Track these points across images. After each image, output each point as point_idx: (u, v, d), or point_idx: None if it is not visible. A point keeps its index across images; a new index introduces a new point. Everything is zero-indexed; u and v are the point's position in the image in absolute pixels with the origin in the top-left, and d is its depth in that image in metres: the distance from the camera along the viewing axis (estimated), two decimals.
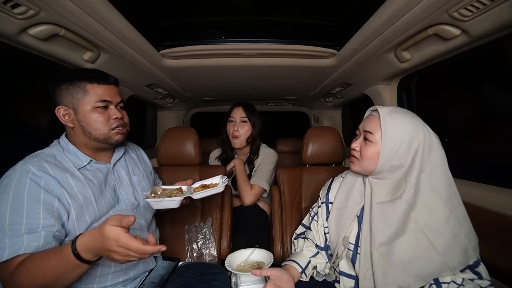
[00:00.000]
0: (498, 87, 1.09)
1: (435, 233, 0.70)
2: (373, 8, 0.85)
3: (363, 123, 0.82)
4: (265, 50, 1.20)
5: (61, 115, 0.80)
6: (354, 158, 0.83)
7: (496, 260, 0.83)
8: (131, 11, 0.89)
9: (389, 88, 1.41)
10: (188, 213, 1.33)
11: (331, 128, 1.46)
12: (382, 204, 0.77)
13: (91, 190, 0.79)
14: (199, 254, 1.20)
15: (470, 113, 1.23)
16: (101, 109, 0.82)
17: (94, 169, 0.84)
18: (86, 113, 0.80)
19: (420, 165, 0.72)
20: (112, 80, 0.87)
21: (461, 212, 0.72)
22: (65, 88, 0.79)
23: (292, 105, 2.60)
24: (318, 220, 0.97)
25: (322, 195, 0.99)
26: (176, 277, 0.96)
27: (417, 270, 0.70)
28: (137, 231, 0.88)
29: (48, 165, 0.73)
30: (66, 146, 0.82)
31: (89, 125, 0.81)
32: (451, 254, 0.69)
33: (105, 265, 0.78)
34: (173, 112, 2.34)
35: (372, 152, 0.77)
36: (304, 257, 0.92)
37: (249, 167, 1.58)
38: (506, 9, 0.68)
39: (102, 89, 0.82)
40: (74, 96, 0.79)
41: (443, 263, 0.68)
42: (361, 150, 0.81)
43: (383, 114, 0.75)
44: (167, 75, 1.45)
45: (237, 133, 1.50)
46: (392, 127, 0.74)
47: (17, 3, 0.66)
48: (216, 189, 0.94)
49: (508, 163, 1.01)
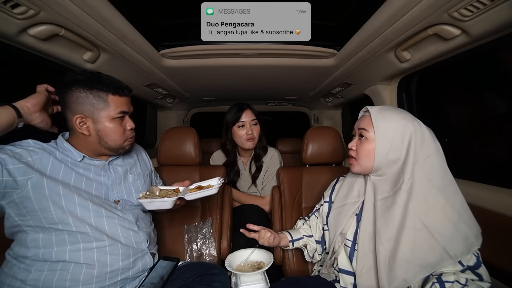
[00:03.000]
0: (498, 87, 1.09)
1: (434, 222, 0.71)
2: (373, 8, 0.86)
3: (357, 123, 0.86)
4: (265, 50, 1.20)
5: (77, 123, 0.80)
6: (353, 159, 0.86)
7: (496, 260, 0.83)
8: (131, 11, 0.89)
9: (389, 88, 1.42)
10: (188, 213, 1.33)
11: (331, 128, 1.46)
12: (385, 199, 0.79)
13: (75, 179, 0.80)
14: (199, 254, 1.20)
15: (470, 113, 1.23)
16: (119, 119, 0.85)
17: (88, 165, 0.85)
18: (106, 124, 0.82)
19: (414, 156, 0.74)
20: (129, 91, 0.89)
21: (458, 200, 0.73)
22: (85, 96, 0.80)
23: (292, 105, 2.60)
24: (318, 217, 1.01)
25: (326, 195, 1.02)
26: (176, 278, 0.95)
27: (419, 261, 0.71)
28: (125, 228, 0.87)
29: (46, 145, 0.79)
30: (62, 144, 0.83)
31: (107, 135, 0.83)
32: (451, 241, 0.69)
33: (101, 265, 0.78)
34: (173, 112, 2.34)
35: (368, 149, 0.80)
36: (299, 233, 1.05)
37: (256, 164, 1.57)
38: (506, 9, 0.68)
39: (122, 100, 0.85)
40: (95, 106, 0.80)
41: (443, 251, 0.69)
42: (357, 149, 0.84)
43: (373, 112, 0.80)
44: (167, 75, 1.45)
45: (252, 136, 1.49)
46: (383, 122, 0.78)
47: (17, 3, 0.66)
48: (209, 191, 0.94)
49: (508, 163, 1.01)
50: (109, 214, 0.84)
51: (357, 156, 0.84)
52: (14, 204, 0.72)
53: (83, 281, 0.76)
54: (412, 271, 0.71)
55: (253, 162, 1.59)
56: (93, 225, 0.80)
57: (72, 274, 0.75)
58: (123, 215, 0.88)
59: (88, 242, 0.78)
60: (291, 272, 1.20)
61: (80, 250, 0.77)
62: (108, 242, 0.81)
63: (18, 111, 0.73)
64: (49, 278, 0.74)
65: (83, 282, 0.76)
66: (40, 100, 0.79)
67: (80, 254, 0.77)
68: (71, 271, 0.75)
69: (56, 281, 0.74)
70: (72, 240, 0.77)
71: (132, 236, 0.88)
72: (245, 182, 1.61)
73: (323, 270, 0.96)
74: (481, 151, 1.17)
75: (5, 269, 0.76)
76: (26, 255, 0.75)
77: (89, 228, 0.79)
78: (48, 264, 0.75)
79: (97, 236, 0.80)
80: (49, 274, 0.74)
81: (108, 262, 0.80)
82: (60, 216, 0.75)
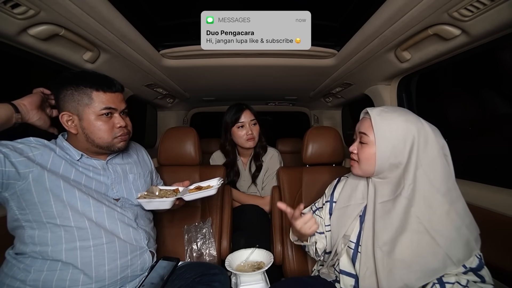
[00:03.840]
0: (498, 87, 1.09)
1: (437, 227, 0.70)
2: (373, 8, 0.85)
3: (358, 126, 0.84)
4: (265, 50, 1.20)
5: (64, 121, 0.81)
6: (354, 161, 0.85)
7: (496, 260, 0.83)
8: (131, 11, 0.89)
9: (389, 88, 1.41)
10: (188, 213, 1.33)
11: (331, 128, 1.46)
12: (385, 203, 0.78)
13: (75, 174, 0.81)
14: (199, 254, 1.20)
15: (470, 113, 1.23)
16: (105, 116, 0.83)
17: (86, 164, 0.86)
18: (91, 121, 0.81)
19: (416, 160, 0.73)
20: (118, 87, 0.87)
21: (461, 205, 0.72)
22: (70, 94, 0.80)
23: (292, 105, 2.60)
24: (321, 216, 0.98)
25: (327, 193, 1.00)
26: (176, 278, 0.95)
27: (421, 266, 0.70)
28: (125, 224, 0.88)
29: (46, 142, 0.80)
30: (61, 143, 0.84)
31: (93, 133, 0.82)
32: (454, 247, 0.68)
33: (99, 263, 0.78)
34: (173, 112, 2.34)
35: (369, 154, 0.78)
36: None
37: (255, 163, 1.58)
38: (506, 9, 0.68)
39: (108, 96, 0.83)
40: (79, 103, 0.80)
41: (446, 258, 0.68)
42: (358, 153, 0.82)
43: (373, 115, 0.77)
44: (167, 75, 1.45)
45: (252, 136, 1.50)
46: (384, 126, 0.75)
47: (17, 3, 0.66)
48: (207, 192, 0.94)
49: (508, 163, 1.01)
50: (109, 209, 0.84)
51: (358, 160, 0.82)
52: (15, 197, 0.73)
53: (83, 282, 0.76)
54: (414, 276, 0.70)
55: (253, 161, 1.59)
56: (93, 220, 0.80)
57: (72, 274, 0.75)
58: (122, 211, 0.89)
59: (85, 240, 0.78)
60: (291, 272, 1.20)
61: (77, 249, 0.77)
62: (105, 239, 0.81)
63: (16, 107, 0.74)
64: (48, 278, 0.74)
65: (82, 282, 0.76)
66: (36, 99, 0.81)
67: (77, 254, 0.76)
68: (70, 271, 0.75)
69: (55, 281, 0.74)
70: (68, 237, 0.76)
71: (132, 232, 0.88)
72: (245, 182, 1.61)
73: (323, 270, 0.96)
74: (481, 151, 1.16)
75: (5, 269, 0.76)
76: (25, 252, 0.75)
77: (88, 224, 0.79)
78: (47, 264, 0.75)
79: (95, 233, 0.80)
80: (49, 274, 0.74)
81: (106, 261, 0.80)
82: (60, 210, 0.75)
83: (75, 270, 0.76)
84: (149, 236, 0.96)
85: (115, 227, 0.84)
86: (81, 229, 0.78)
